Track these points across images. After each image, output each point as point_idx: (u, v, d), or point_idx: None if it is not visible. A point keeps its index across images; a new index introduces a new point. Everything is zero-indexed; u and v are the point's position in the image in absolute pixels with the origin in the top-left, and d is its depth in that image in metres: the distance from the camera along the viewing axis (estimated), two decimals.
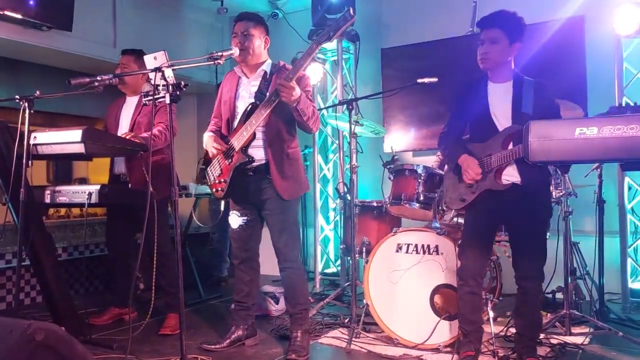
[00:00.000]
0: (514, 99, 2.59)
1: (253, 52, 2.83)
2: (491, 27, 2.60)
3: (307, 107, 2.71)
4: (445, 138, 2.81)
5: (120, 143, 3.14)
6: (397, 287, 3.13)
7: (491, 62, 2.61)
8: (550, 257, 3.57)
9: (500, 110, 2.61)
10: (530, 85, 2.60)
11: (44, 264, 3.15)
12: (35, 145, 3.04)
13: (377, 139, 4.77)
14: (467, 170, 2.58)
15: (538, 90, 2.59)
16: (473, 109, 2.68)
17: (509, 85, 2.64)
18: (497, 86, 2.66)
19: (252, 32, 2.83)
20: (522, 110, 2.55)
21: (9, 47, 4.27)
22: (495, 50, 2.59)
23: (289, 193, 2.83)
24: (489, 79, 2.69)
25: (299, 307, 2.93)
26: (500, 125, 2.60)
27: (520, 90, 2.59)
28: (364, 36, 5.01)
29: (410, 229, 3.17)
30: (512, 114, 2.57)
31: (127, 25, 4.84)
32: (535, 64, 4.17)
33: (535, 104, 2.55)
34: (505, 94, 2.62)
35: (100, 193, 3.02)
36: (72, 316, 3.24)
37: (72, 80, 2.37)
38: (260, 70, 2.89)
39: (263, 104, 2.70)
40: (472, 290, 2.67)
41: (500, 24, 2.59)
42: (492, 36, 2.59)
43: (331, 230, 5.23)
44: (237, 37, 2.82)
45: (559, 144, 1.70)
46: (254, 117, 2.71)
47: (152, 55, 2.60)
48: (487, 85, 2.68)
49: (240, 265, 3.04)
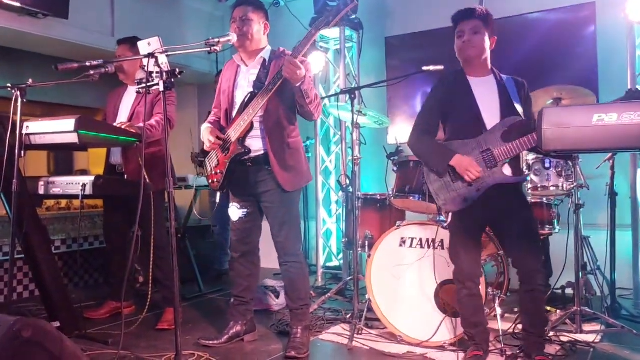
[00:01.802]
0: (500, 93, 2.53)
1: (252, 38, 2.73)
2: (470, 18, 2.54)
3: (311, 89, 2.62)
4: (420, 138, 2.64)
5: (116, 133, 3.04)
6: (401, 282, 3.03)
7: (476, 50, 2.53)
8: (560, 251, 3.51)
9: (487, 104, 2.53)
10: (510, 80, 2.57)
11: (38, 257, 3.09)
12: (28, 135, 2.95)
13: (381, 130, 4.67)
14: (468, 170, 2.45)
15: (518, 85, 2.56)
16: (455, 104, 2.58)
17: (490, 79, 2.58)
18: (478, 80, 2.58)
19: (251, 16, 2.73)
20: (512, 104, 2.49)
21: (5, 36, 4.18)
22: (479, 39, 2.52)
23: (290, 184, 2.73)
24: (467, 74, 2.60)
25: (299, 303, 2.85)
26: (487, 119, 2.50)
27: (503, 84, 2.55)
28: (367, 24, 4.89)
29: (415, 222, 3.07)
30: (501, 108, 2.50)
31: (125, 14, 4.75)
32: (545, 52, 4.10)
33: (520, 97, 2.52)
34: (490, 89, 2.55)
35: (95, 184, 2.92)
36: (67, 310, 3.17)
37: (60, 66, 2.27)
38: (260, 57, 2.79)
39: (261, 93, 2.61)
40: (471, 292, 2.60)
41: (478, 16, 2.54)
42: (473, 26, 2.53)
43: (333, 224, 5.13)
44: (235, 22, 2.72)
45: (575, 132, 1.58)
46: (251, 107, 2.62)
47: (146, 41, 2.50)
48: (467, 79, 2.58)
49: (240, 258, 2.95)
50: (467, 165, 2.45)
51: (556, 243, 3.62)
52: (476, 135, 2.50)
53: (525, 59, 4.05)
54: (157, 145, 3.29)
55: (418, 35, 4.68)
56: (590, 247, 3.53)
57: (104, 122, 3.34)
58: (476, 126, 2.51)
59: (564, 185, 3.12)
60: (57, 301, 3.13)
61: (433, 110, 2.66)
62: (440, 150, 2.56)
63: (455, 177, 2.50)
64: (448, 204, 2.56)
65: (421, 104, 4.69)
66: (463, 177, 2.46)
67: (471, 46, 2.52)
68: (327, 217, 5.10)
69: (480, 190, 2.47)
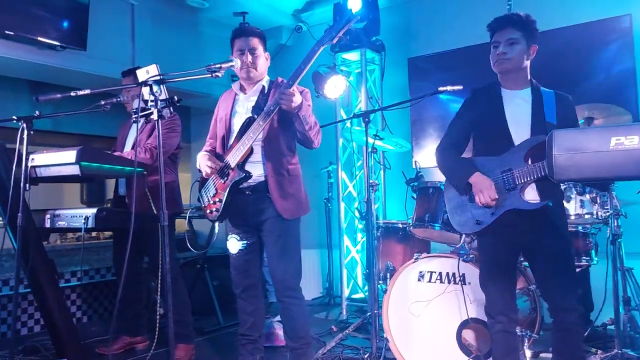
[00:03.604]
0: (534, 107, 2.30)
1: (258, 70, 2.67)
2: (506, 27, 2.33)
3: (309, 115, 2.51)
4: (446, 152, 2.46)
5: (120, 163, 2.97)
6: (420, 320, 2.80)
7: (511, 63, 2.31)
8: (600, 284, 3.19)
9: (517, 119, 2.30)
10: (551, 95, 2.33)
11: (45, 292, 3.03)
12: (34, 167, 2.91)
13: (407, 155, 4.46)
14: (481, 192, 2.24)
15: (560, 100, 2.31)
16: (484, 118, 2.38)
17: (527, 92, 2.35)
18: (512, 93, 2.36)
19: (259, 49, 2.67)
20: (545, 120, 2.25)
21: (25, 68, 4.24)
22: (515, 51, 2.31)
23: (289, 211, 2.59)
24: (501, 86, 2.39)
25: (300, 342, 2.66)
26: (516, 136, 2.28)
27: (540, 98, 2.31)
28: (390, 46, 4.76)
29: (433, 255, 2.85)
30: (532, 124, 2.27)
31: (146, 43, 4.77)
32: (576, 67, 3.84)
33: (558, 114, 2.26)
34: (523, 102, 2.33)
35: (97, 217, 2.85)
36: (76, 346, 3.09)
37: (41, 97, 2.22)
38: (259, 85, 2.70)
39: (261, 117, 2.50)
40: (504, 328, 2.32)
41: (516, 25, 2.32)
42: (509, 37, 2.32)
43: (358, 252, 4.92)
44: (243, 54, 2.63)
45: (591, 158, 1.36)
46: (251, 131, 2.51)
47: (145, 69, 2.42)
48: (500, 92, 2.38)
49: (242, 294, 2.79)
50: (482, 187, 2.25)
51: (597, 275, 3.30)
52: (502, 152, 2.29)
53: (554, 74, 3.79)
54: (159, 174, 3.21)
55: (441, 56, 4.51)
56: (634, 280, 3.20)
57: (107, 152, 3.29)
58: (503, 142, 2.30)
59: (598, 212, 2.83)
60: (65, 337, 3.07)
61: (461, 123, 2.48)
62: (461, 165, 2.38)
63: (472, 196, 2.30)
64: (462, 225, 2.36)
65: (446, 125, 4.50)
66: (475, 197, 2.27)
67: (506, 59, 2.32)
68: (351, 245, 4.90)
69: (495, 214, 2.25)
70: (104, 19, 4.39)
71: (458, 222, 2.37)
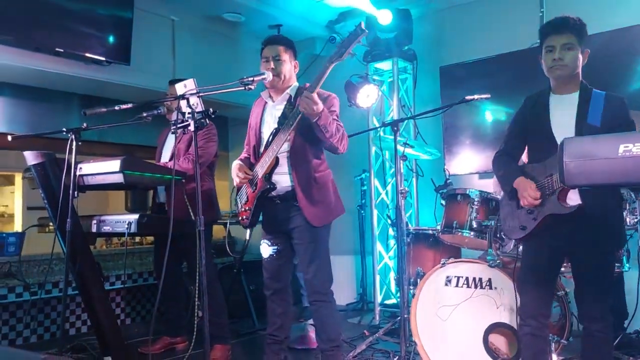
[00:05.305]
0: (579, 110, 2.26)
1: (284, 78, 2.74)
2: (563, 31, 2.27)
3: (330, 123, 2.56)
4: (497, 159, 2.49)
5: (160, 172, 3.14)
6: (447, 324, 2.85)
7: (568, 69, 2.27)
8: (633, 291, 3.15)
9: (562, 123, 2.27)
10: (600, 97, 2.26)
11: (92, 294, 3.18)
12: (82, 175, 3.09)
13: (440, 162, 4.50)
14: (523, 195, 2.26)
15: (609, 101, 2.25)
16: (532, 124, 2.38)
17: (575, 95, 2.31)
18: (560, 97, 2.34)
19: (284, 56, 2.73)
20: (588, 122, 2.21)
21: (74, 83, 4.51)
22: (571, 56, 2.27)
23: (318, 219, 2.67)
24: (552, 91, 2.37)
25: (330, 344, 2.74)
26: (561, 140, 2.27)
27: (587, 101, 2.26)
28: (422, 55, 4.82)
29: (460, 260, 2.90)
30: (576, 127, 2.23)
31: (186, 56, 4.96)
32: (613, 73, 3.79)
33: (605, 116, 2.21)
34: (570, 105, 2.29)
35: (139, 222, 3.01)
36: (120, 345, 3.24)
37: (88, 111, 2.38)
38: (286, 94, 2.78)
39: (282, 129, 2.59)
40: (533, 332, 2.33)
41: (572, 29, 2.27)
42: (566, 42, 2.26)
43: (391, 259, 4.96)
44: (268, 61, 2.73)
45: (601, 164, 1.40)
46: (274, 143, 2.62)
47: (182, 82, 2.58)
48: (548, 97, 2.37)
49: (272, 296, 2.90)
50: (523, 190, 2.26)
51: (631, 281, 3.26)
52: (549, 157, 2.25)
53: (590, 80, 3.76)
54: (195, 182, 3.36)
55: (473, 64, 4.52)
56: None
57: (148, 162, 3.47)
58: (549, 148, 2.26)
59: (627, 219, 2.82)
60: (110, 337, 3.20)
61: (513, 131, 2.50)
62: (509, 171, 2.40)
63: (519, 202, 2.32)
64: (510, 230, 2.40)
65: (480, 133, 4.53)
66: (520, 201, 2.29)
67: (562, 65, 2.27)
68: (383, 252, 4.96)
69: (537, 219, 2.25)
70: (146, 35, 4.60)
71: (508, 228, 2.40)
